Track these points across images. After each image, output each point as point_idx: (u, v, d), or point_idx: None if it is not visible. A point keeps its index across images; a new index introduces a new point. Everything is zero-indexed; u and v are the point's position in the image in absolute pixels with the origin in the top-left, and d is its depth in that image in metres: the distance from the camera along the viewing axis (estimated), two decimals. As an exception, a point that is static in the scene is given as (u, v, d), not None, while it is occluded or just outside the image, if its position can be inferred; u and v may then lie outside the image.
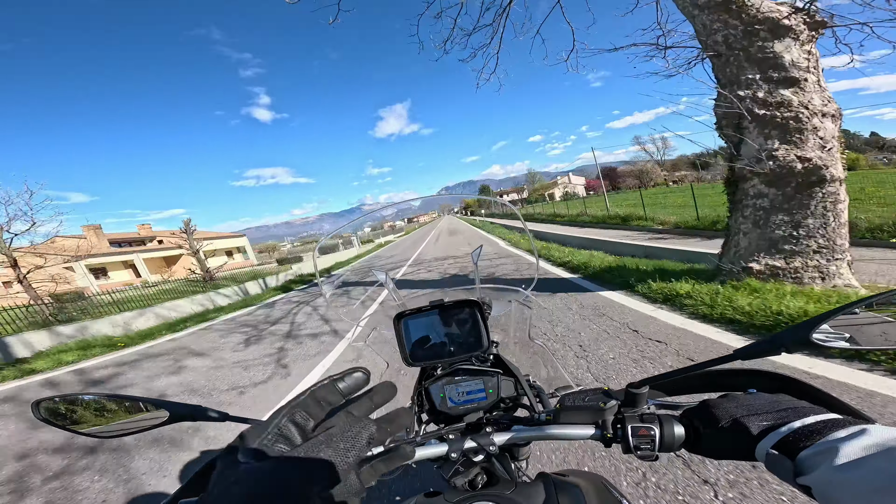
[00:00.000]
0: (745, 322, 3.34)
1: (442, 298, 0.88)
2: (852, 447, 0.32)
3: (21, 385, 5.80)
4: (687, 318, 3.78)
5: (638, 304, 4.46)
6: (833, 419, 0.39)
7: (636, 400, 0.54)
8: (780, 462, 0.38)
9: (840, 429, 0.36)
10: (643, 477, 1.75)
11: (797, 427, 0.39)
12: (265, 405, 3.47)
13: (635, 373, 2.65)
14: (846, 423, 0.37)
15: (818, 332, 0.42)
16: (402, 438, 0.72)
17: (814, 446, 0.35)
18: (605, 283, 5.71)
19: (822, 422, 0.38)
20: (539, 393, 0.92)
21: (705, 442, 0.48)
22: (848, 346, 0.44)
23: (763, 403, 0.45)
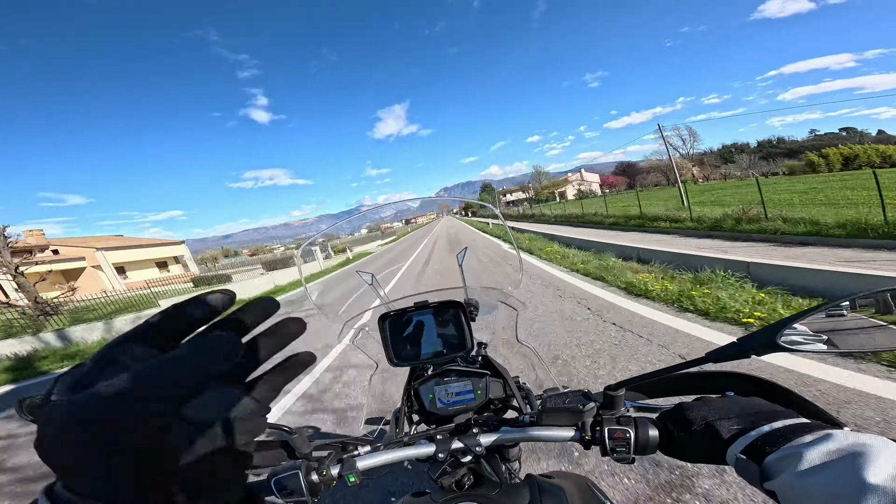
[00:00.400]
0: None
1: (427, 299, 0.89)
2: (816, 452, 0.32)
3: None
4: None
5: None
6: (801, 423, 0.39)
7: (614, 402, 0.55)
8: (747, 466, 0.38)
9: (806, 433, 0.36)
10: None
11: (766, 431, 0.39)
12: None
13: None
14: (814, 427, 0.37)
15: (786, 334, 0.42)
16: (390, 438, 0.72)
17: (779, 451, 0.35)
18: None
19: (789, 426, 0.38)
20: (528, 395, 0.92)
21: (679, 445, 0.48)
22: (824, 349, 0.43)
23: (736, 407, 0.45)
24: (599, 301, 4.59)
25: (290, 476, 0.56)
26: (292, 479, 0.56)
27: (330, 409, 2.82)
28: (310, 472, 0.58)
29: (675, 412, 0.50)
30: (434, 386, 0.82)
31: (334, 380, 3.52)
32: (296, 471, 0.57)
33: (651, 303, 4.25)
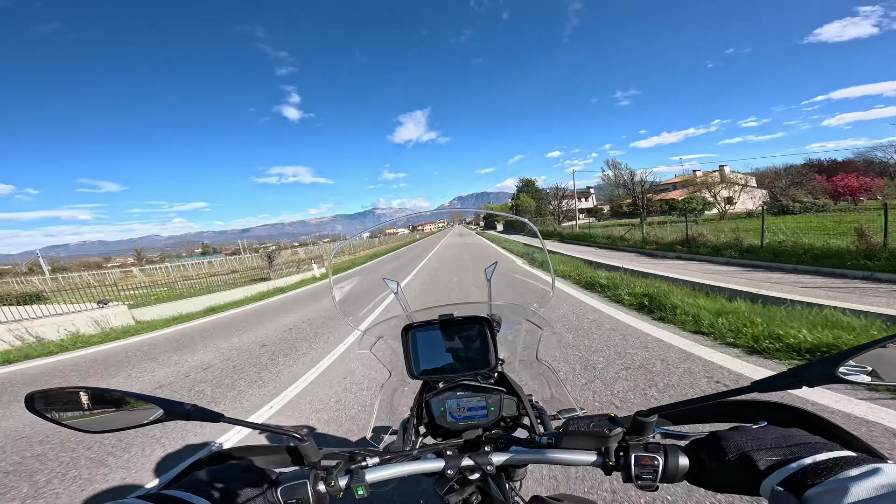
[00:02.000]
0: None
1: (451, 313, 0.88)
2: (863, 487, 0.31)
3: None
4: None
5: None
6: (846, 457, 0.37)
7: (643, 428, 0.53)
8: (785, 500, 0.36)
9: (853, 467, 0.34)
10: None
11: (807, 464, 0.38)
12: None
13: None
14: (860, 461, 0.36)
15: (845, 366, 0.40)
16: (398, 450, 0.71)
17: (822, 484, 0.34)
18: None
19: (834, 459, 0.37)
20: (541, 414, 0.90)
21: (709, 474, 0.47)
22: (870, 381, 0.41)
23: (774, 437, 0.44)
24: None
25: (298, 485, 0.55)
26: (300, 489, 0.55)
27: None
28: (318, 482, 0.57)
29: (709, 440, 0.49)
30: (446, 399, 0.81)
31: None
32: (304, 480, 0.56)
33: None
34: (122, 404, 0.50)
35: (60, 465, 2.79)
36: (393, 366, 0.99)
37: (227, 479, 0.55)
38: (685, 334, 4.02)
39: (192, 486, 0.52)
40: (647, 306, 5.11)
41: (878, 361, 0.41)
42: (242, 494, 0.54)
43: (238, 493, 0.54)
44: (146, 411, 0.50)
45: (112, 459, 2.78)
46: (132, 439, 3.02)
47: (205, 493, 0.51)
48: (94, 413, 0.49)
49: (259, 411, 3.38)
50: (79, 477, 2.61)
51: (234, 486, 0.53)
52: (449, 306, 0.91)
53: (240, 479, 0.55)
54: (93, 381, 5.08)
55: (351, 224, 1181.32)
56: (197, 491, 0.50)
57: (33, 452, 3.04)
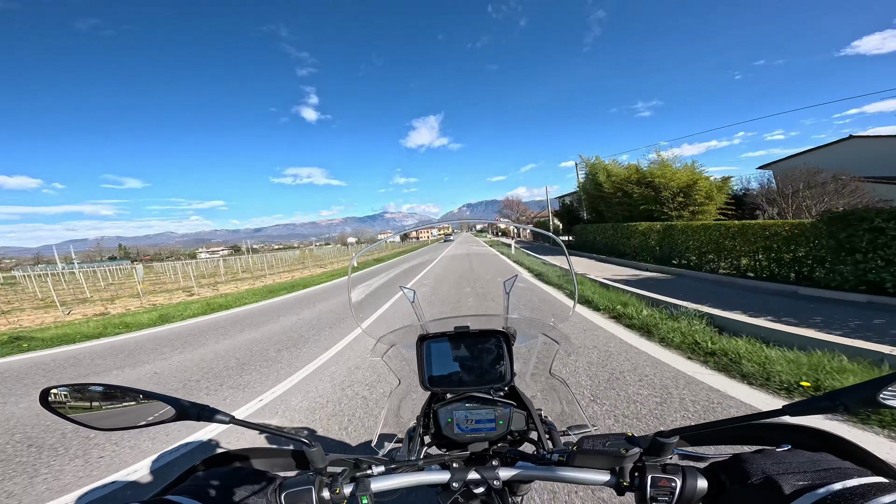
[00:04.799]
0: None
1: (467, 325, 0.87)
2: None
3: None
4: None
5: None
6: (878, 483, 0.36)
7: (662, 449, 0.51)
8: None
9: (885, 494, 0.33)
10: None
11: (837, 489, 0.36)
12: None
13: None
14: (892, 487, 0.34)
15: (889, 390, 0.38)
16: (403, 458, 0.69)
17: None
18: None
19: (865, 485, 0.36)
20: (550, 430, 0.88)
21: (729, 498, 0.45)
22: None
23: (801, 462, 0.42)
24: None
25: (303, 491, 0.54)
26: (304, 495, 0.54)
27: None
28: (322, 489, 0.56)
29: (731, 463, 0.47)
30: (454, 410, 0.80)
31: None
32: (309, 486, 0.55)
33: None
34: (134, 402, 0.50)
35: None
36: (402, 374, 0.98)
37: (229, 482, 0.54)
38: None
39: (193, 490, 0.51)
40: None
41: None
42: (245, 498, 0.53)
43: (241, 497, 0.53)
44: (157, 410, 0.50)
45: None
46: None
47: (206, 497, 0.50)
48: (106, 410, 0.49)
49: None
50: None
51: (237, 489, 0.53)
52: (465, 318, 0.90)
53: (242, 482, 0.54)
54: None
55: (361, 227, 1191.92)
56: (198, 495, 0.50)
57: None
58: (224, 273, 25.61)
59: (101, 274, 30.45)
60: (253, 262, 34.14)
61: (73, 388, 0.49)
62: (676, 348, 4.00)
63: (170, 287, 18.73)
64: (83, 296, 15.21)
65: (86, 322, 8.95)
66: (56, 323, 9.49)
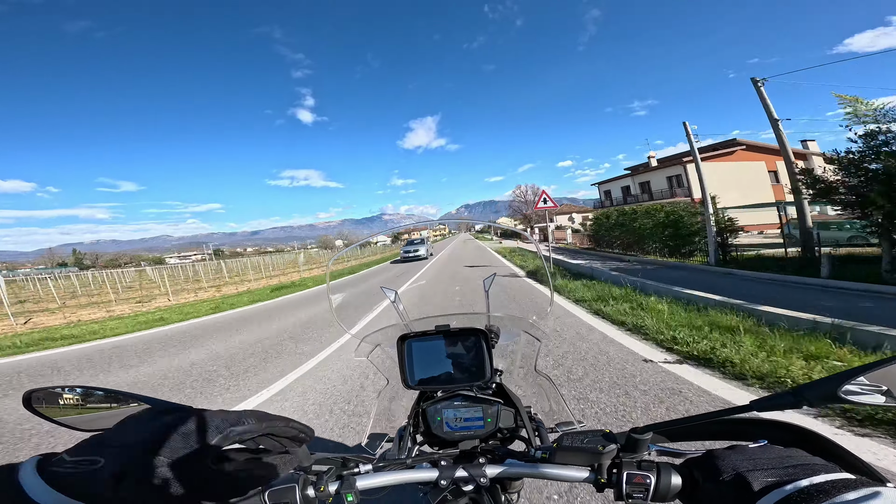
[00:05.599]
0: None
1: (448, 324, 0.88)
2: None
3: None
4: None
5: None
6: (844, 479, 0.36)
7: (637, 445, 0.52)
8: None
9: (851, 490, 0.34)
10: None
11: (803, 486, 0.37)
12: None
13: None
14: (859, 484, 0.35)
15: (852, 384, 0.39)
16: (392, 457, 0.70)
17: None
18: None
19: (832, 481, 0.36)
20: (539, 427, 0.89)
21: (702, 495, 0.46)
22: (882, 402, 0.40)
23: (772, 458, 0.43)
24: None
25: (286, 489, 0.55)
26: (288, 493, 0.54)
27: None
28: (307, 487, 0.56)
29: (704, 459, 0.47)
30: (443, 409, 0.81)
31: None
32: (292, 484, 0.55)
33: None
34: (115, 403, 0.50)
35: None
36: (390, 373, 0.99)
37: None
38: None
39: None
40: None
41: (890, 379, 0.40)
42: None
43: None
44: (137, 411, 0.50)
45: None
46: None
47: None
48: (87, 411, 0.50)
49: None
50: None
51: None
52: (447, 317, 0.91)
53: None
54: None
55: (359, 228, 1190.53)
56: None
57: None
58: (182, 280, 21.48)
59: (36, 283, 25.00)
60: (227, 267, 30.80)
61: (55, 391, 0.50)
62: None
63: (100, 300, 16.50)
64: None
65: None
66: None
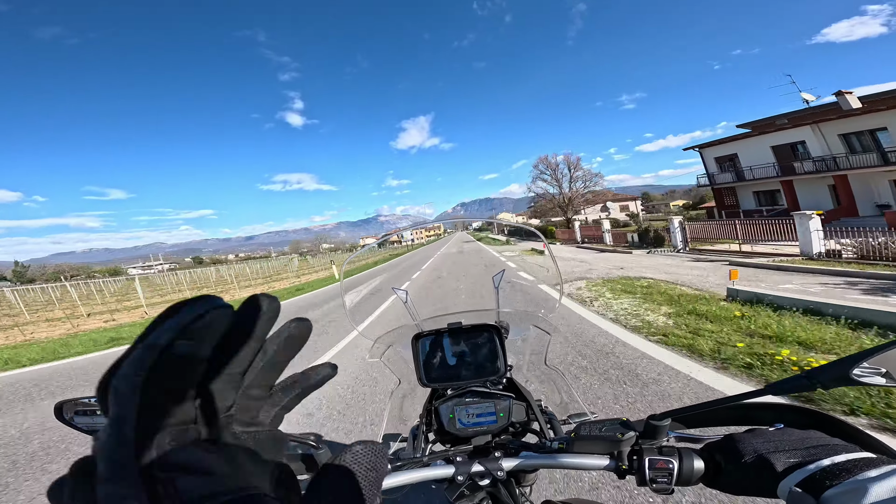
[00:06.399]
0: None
1: (460, 321, 0.89)
2: (883, 487, 0.30)
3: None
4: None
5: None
6: (866, 458, 0.37)
7: (656, 432, 0.53)
8: (802, 501, 0.36)
9: (872, 468, 0.34)
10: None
11: (826, 465, 0.37)
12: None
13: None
14: (879, 462, 0.35)
15: (859, 368, 0.40)
16: (408, 456, 0.70)
17: (841, 485, 0.34)
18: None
19: (853, 460, 0.37)
20: (551, 419, 0.89)
21: (726, 477, 0.47)
22: (884, 383, 0.41)
23: (791, 439, 0.44)
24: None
25: None
26: None
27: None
28: None
29: (724, 443, 0.48)
30: (455, 406, 0.81)
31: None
32: None
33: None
34: None
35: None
36: (402, 374, 0.99)
37: None
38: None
39: None
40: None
41: (888, 362, 0.41)
42: None
43: None
44: None
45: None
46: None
47: None
48: None
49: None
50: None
51: None
52: (458, 314, 0.92)
53: None
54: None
55: (355, 231, 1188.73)
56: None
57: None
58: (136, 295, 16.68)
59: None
60: (190, 278, 27.40)
61: (85, 401, 0.50)
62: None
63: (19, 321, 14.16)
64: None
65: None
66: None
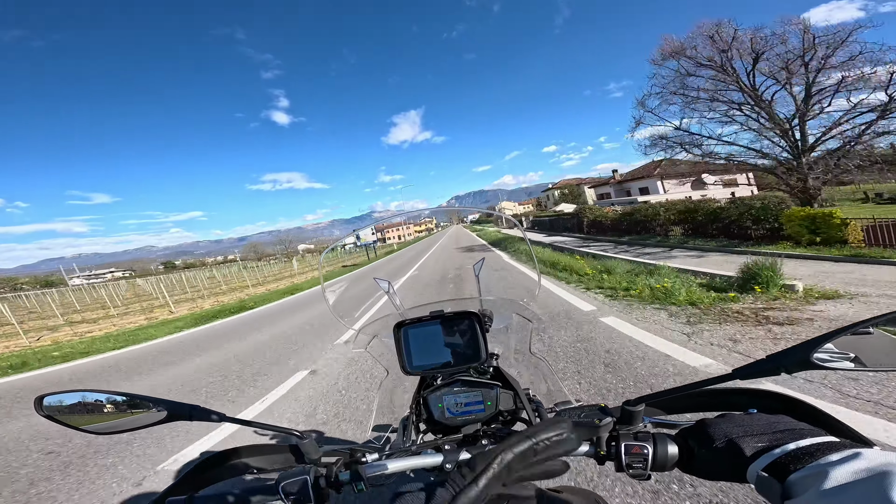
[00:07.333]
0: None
1: (442, 309, 0.89)
2: (843, 471, 0.31)
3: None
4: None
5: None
6: (829, 442, 0.38)
7: (632, 417, 0.54)
8: (769, 485, 0.37)
9: (834, 452, 0.35)
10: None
11: (791, 449, 0.38)
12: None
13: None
14: (842, 446, 0.36)
15: (820, 352, 0.41)
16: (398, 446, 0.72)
17: (804, 469, 0.35)
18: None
19: (816, 444, 0.38)
20: (538, 407, 0.91)
21: (699, 462, 0.48)
22: (852, 367, 0.43)
23: (761, 424, 0.45)
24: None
25: (299, 482, 0.56)
26: (300, 485, 0.56)
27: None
28: (318, 479, 0.58)
29: (697, 428, 0.49)
30: (443, 395, 0.82)
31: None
32: (304, 476, 0.57)
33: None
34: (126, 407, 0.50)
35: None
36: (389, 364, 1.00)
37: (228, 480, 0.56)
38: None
39: (195, 490, 0.53)
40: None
41: (858, 346, 0.42)
42: (244, 495, 0.55)
43: (240, 494, 0.55)
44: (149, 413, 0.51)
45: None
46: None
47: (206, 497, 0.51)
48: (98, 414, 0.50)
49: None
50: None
51: (236, 486, 0.55)
52: (440, 303, 0.93)
53: (241, 479, 0.56)
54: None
55: (349, 228, 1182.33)
56: (201, 495, 0.51)
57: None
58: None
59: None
60: (152, 286, 24.14)
61: (66, 395, 0.50)
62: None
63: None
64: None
65: None
66: None
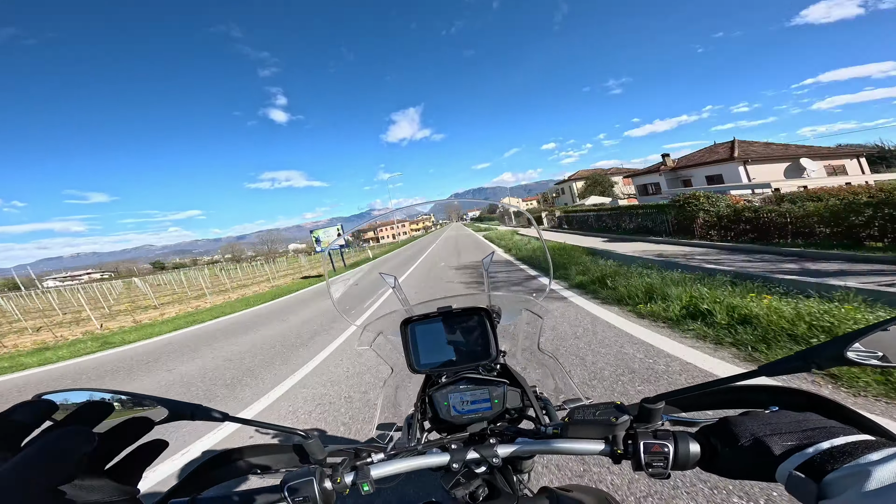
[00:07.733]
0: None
1: (450, 305, 0.88)
2: (886, 471, 0.30)
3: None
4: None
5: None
6: (866, 440, 0.37)
7: (650, 415, 0.53)
8: (802, 485, 0.36)
9: (873, 451, 0.34)
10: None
11: (825, 448, 0.37)
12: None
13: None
14: (880, 444, 0.35)
15: (853, 348, 0.40)
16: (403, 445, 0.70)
17: (842, 469, 0.34)
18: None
19: (853, 443, 0.36)
20: (546, 405, 0.90)
21: (723, 461, 0.46)
22: (883, 364, 0.41)
23: (788, 422, 0.43)
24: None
25: (304, 483, 0.55)
26: (306, 486, 0.54)
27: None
28: (324, 480, 0.56)
29: (720, 426, 0.48)
30: (449, 393, 0.81)
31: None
32: (310, 477, 0.55)
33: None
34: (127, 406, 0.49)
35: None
36: (394, 362, 0.99)
37: (232, 480, 0.55)
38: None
39: (199, 491, 0.52)
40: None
41: (883, 344, 0.41)
42: (249, 495, 0.54)
43: (245, 494, 0.54)
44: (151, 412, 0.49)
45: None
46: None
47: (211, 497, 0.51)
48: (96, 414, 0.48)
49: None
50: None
51: (240, 486, 0.53)
52: (448, 299, 0.91)
53: (245, 479, 0.55)
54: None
55: (349, 227, 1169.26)
56: (204, 496, 0.51)
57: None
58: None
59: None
60: (128, 290, 23.86)
61: (71, 393, 0.48)
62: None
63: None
64: None
65: None
66: None
